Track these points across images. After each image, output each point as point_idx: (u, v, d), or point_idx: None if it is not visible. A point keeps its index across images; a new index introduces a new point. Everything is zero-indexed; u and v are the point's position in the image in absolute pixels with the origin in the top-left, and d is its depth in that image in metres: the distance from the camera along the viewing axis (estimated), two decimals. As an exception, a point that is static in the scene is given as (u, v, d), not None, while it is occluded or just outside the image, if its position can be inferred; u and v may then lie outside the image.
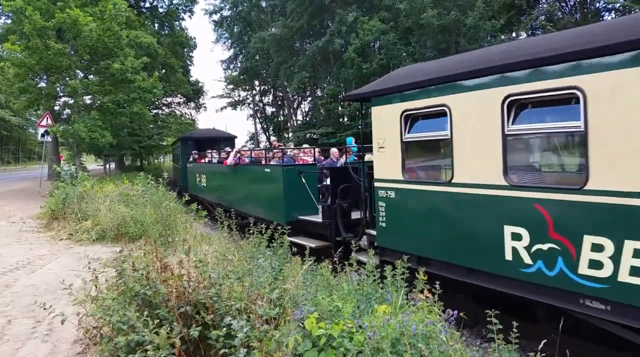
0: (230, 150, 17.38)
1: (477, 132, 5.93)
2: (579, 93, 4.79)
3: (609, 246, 4.62)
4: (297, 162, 12.43)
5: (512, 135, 5.56)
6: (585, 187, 4.79)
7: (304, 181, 10.70)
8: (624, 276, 4.52)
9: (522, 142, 6.02)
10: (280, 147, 15.38)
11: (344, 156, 12.54)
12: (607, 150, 4.60)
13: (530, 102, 5.41)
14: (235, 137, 25.63)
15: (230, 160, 14.73)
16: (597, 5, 29.36)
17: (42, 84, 24.59)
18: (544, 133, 5.53)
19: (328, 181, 9.96)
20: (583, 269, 4.83)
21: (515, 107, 5.49)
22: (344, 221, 9.54)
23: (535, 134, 5.64)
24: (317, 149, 13.88)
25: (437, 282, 4.05)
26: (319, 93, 41.21)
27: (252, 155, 14.97)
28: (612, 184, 4.58)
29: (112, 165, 41.95)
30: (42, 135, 22.57)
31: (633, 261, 4.44)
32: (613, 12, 28.48)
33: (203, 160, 20.64)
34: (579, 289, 4.88)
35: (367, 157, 9.64)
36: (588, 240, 4.76)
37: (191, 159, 22.28)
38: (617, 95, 4.50)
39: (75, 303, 4.35)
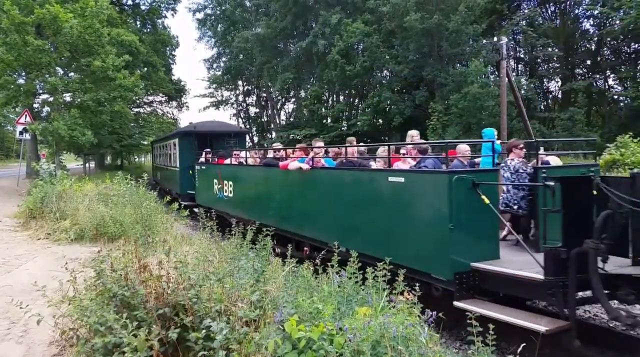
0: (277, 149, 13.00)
1: None
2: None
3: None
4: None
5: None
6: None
7: (486, 201, 6.07)
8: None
9: None
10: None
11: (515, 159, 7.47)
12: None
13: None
14: (248, 132, 22.55)
15: (302, 165, 9.68)
16: (577, 11, 29.86)
17: (21, 81, 24.17)
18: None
19: (554, 202, 5.26)
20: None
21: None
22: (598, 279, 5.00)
23: None
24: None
25: (417, 285, 4.07)
26: (302, 94, 41.23)
27: (347, 156, 9.31)
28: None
29: (92, 164, 41.39)
30: (21, 133, 22.18)
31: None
32: (591, 18, 29.03)
33: (226, 162, 15.17)
34: None
35: (553, 160, 7.57)
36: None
37: (202, 160, 16.93)
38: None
39: (51, 304, 4.28)
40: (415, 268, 6.45)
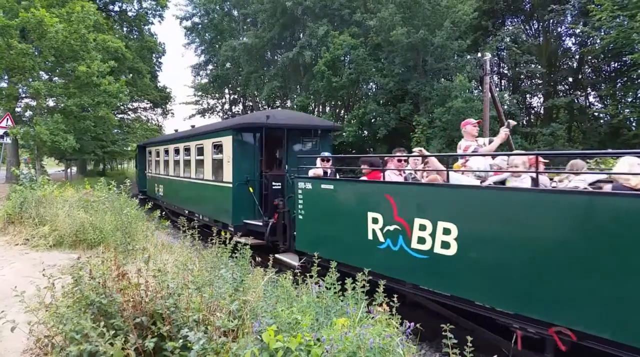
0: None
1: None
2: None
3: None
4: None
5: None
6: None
7: None
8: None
9: None
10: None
11: None
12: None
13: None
14: (339, 127, 15.10)
15: None
16: (559, 30, 30.44)
17: (3, 84, 23.91)
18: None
19: None
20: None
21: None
22: None
23: None
24: None
25: (395, 295, 4.10)
26: (289, 104, 41.31)
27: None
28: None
29: (74, 169, 40.91)
30: (1, 137, 21.86)
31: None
32: (574, 37, 29.61)
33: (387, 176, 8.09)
34: None
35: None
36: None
37: (315, 172, 9.48)
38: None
39: (27, 311, 4.22)
40: None
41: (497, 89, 29.95)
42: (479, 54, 23.79)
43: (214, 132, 14.15)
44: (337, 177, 9.81)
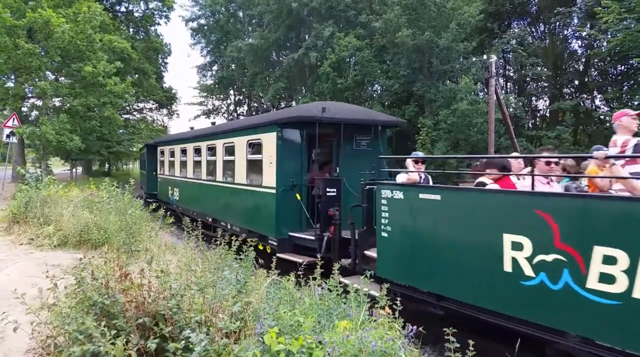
0: None
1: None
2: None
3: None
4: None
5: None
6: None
7: None
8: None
9: None
10: None
11: None
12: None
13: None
14: (402, 122, 13.53)
15: None
16: (566, 32, 30.33)
17: (10, 84, 24.03)
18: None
19: None
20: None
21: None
22: None
23: None
24: None
25: (398, 299, 4.08)
26: (294, 104, 41.37)
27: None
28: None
29: (80, 169, 41.08)
30: (8, 136, 21.99)
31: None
32: (580, 40, 29.51)
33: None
34: None
35: None
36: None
37: (404, 177, 7.83)
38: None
39: (30, 311, 4.23)
40: None
41: (503, 92, 29.88)
42: (485, 56, 23.77)
43: (251, 128, 12.10)
44: (430, 183, 8.24)
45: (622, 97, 26.42)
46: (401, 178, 7.62)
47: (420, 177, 7.80)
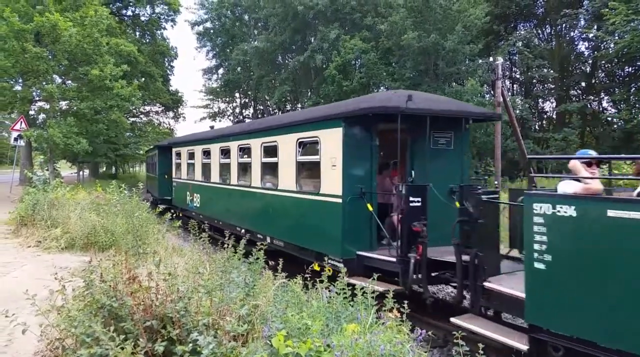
0: None
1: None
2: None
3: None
4: None
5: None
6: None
7: None
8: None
9: None
10: None
11: None
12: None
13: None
14: (498, 116, 12.04)
15: None
16: (572, 34, 30.23)
17: (18, 87, 24.18)
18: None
19: None
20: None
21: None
22: None
23: None
24: None
25: (405, 301, 4.06)
26: (300, 107, 41.42)
27: None
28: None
29: (86, 172, 41.30)
30: (15, 139, 22.13)
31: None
32: (587, 41, 29.39)
33: None
34: None
35: None
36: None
37: (575, 188, 5.39)
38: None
39: (38, 313, 4.24)
40: None
41: (509, 94, 29.79)
42: (491, 58, 23.70)
43: (302, 124, 10.21)
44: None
45: (630, 99, 26.30)
46: (569, 187, 5.40)
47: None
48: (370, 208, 8.41)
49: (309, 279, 5.29)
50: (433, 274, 7.45)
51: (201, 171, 16.85)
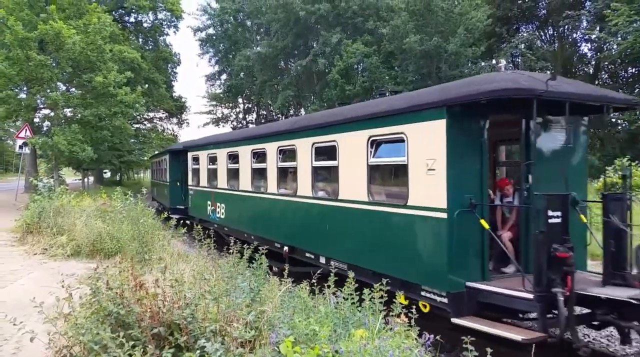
0: None
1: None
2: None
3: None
4: None
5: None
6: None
7: None
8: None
9: None
10: None
11: None
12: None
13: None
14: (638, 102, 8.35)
15: None
16: (575, 36, 30.20)
17: (22, 95, 24.31)
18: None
19: None
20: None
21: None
22: None
23: None
24: None
25: (413, 307, 4.04)
26: (303, 112, 41.46)
27: None
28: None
29: (91, 179, 41.42)
30: (20, 147, 22.23)
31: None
32: (589, 43, 29.35)
33: None
34: None
35: None
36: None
37: None
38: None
39: (46, 321, 4.24)
40: None
41: (512, 96, 29.74)
42: (494, 61, 23.70)
43: (380, 117, 7.90)
44: None
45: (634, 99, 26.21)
46: None
47: None
48: (486, 226, 6.43)
49: (315, 284, 5.26)
50: (583, 313, 5.98)
51: (226, 177, 14.90)
